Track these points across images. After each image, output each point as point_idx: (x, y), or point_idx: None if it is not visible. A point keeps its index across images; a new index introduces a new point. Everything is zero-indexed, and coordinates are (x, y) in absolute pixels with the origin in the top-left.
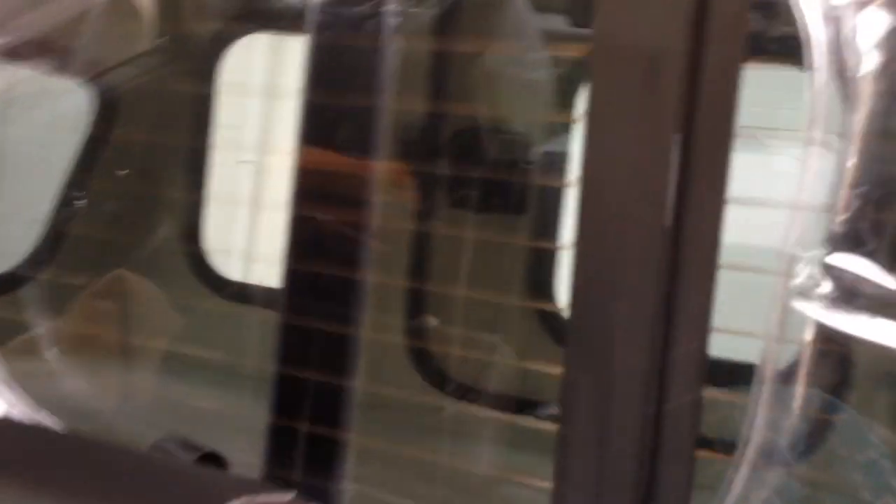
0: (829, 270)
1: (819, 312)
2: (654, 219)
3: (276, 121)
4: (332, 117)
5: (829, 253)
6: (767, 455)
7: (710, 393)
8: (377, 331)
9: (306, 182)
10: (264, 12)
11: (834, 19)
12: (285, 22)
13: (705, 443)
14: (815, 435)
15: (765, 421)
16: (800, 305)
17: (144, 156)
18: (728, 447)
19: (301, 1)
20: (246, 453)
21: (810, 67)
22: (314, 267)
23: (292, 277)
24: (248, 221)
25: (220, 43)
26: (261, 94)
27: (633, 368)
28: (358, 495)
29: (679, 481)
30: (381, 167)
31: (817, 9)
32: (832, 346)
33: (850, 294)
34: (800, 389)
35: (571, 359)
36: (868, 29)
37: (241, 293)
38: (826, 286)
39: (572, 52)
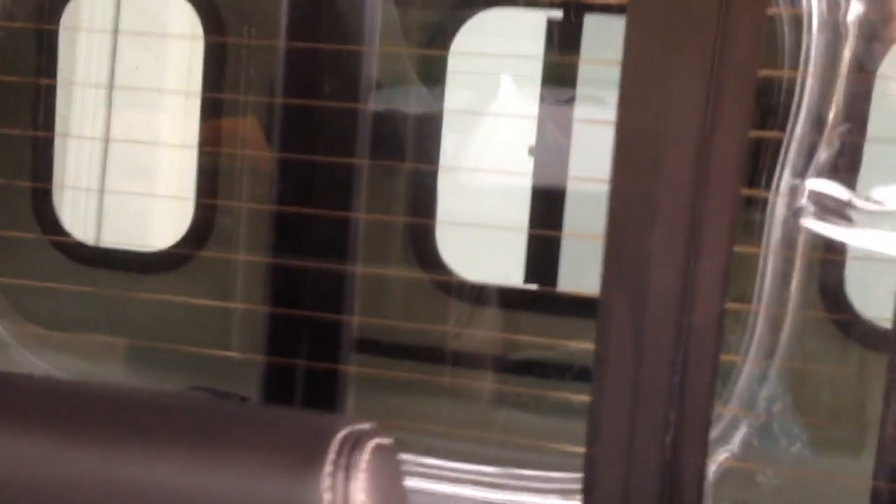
0: (816, 194)
1: (811, 227)
2: (682, 153)
3: None
4: None
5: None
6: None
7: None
8: None
9: None
10: None
11: None
12: None
13: None
14: None
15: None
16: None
17: None
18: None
19: None
20: None
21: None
22: None
23: None
24: None
25: None
26: None
27: (666, 286)
28: None
29: (705, 387)
30: None
31: None
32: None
33: (833, 211)
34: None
35: (608, 280)
36: None
37: None
38: (813, 206)
39: None
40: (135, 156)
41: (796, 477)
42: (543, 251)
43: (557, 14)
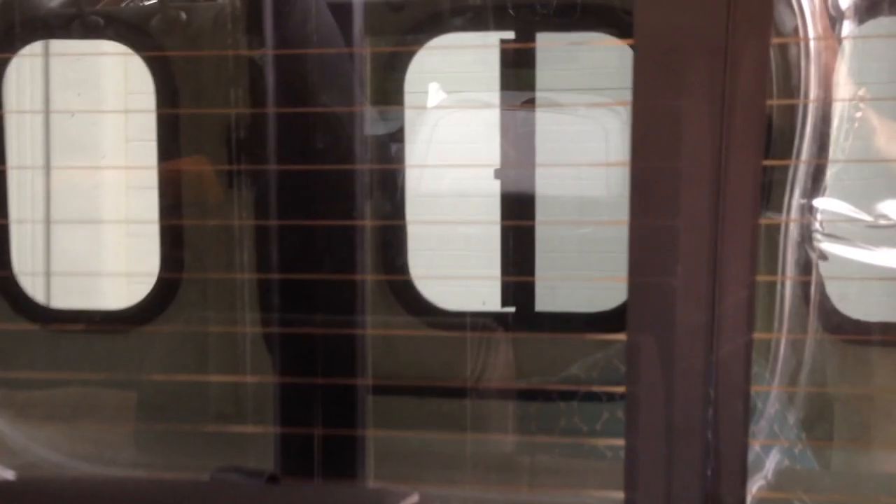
0: (822, 212)
1: (821, 246)
2: (698, 189)
3: None
4: None
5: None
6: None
7: None
8: None
9: None
10: None
11: None
12: None
13: None
14: None
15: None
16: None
17: None
18: None
19: None
20: None
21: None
22: None
23: None
24: None
25: None
26: None
27: (691, 322)
28: None
29: (739, 418)
30: None
31: None
32: None
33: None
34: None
35: (633, 321)
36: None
37: None
38: (821, 224)
39: None
40: None
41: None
42: None
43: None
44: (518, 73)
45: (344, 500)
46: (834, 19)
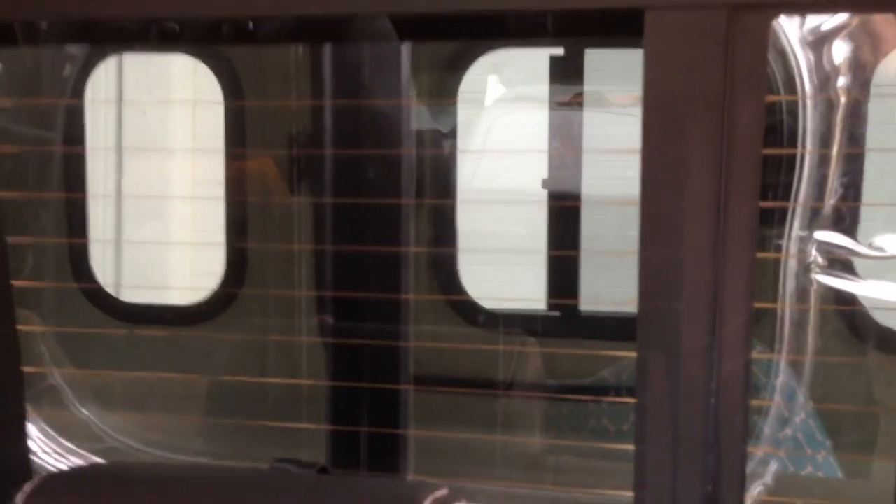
0: (822, 245)
1: (820, 279)
2: (701, 226)
3: None
4: None
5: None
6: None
7: None
8: None
9: None
10: None
11: (814, 48)
12: None
13: None
14: None
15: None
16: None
17: None
18: None
19: None
20: None
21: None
22: None
23: None
24: None
25: None
26: None
27: (695, 343)
28: None
29: (738, 430)
30: None
31: (800, 39)
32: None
33: (839, 261)
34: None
35: (643, 341)
36: (838, 56)
37: None
38: (820, 258)
39: None
40: None
41: None
42: None
43: None
44: None
45: (379, 491)
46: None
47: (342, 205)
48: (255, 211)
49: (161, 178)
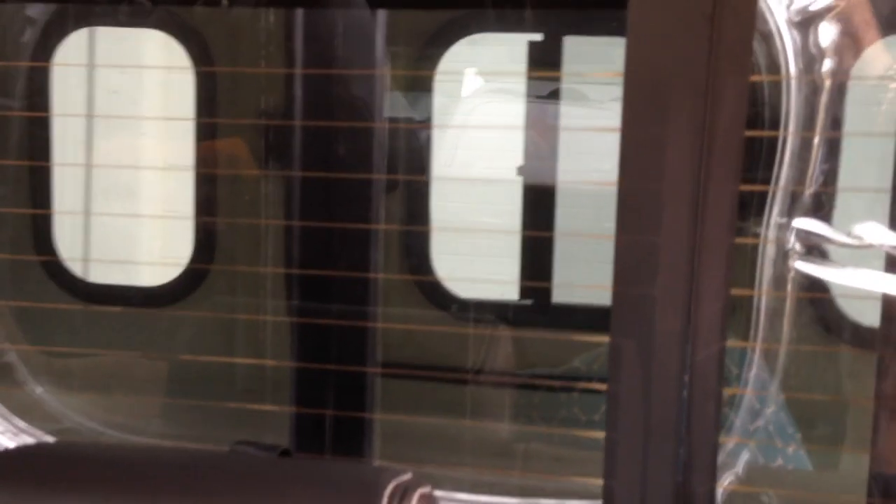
0: (800, 232)
1: (797, 266)
2: (679, 209)
3: None
4: None
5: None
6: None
7: None
8: None
9: None
10: None
11: (800, 29)
12: None
13: None
14: None
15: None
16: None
17: None
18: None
19: None
20: None
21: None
22: None
23: None
24: None
25: None
26: None
27: (669, 329)
28: None
29: (710, 419)
30: None
31: (786, 20)
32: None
33: (816, 249)
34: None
35: (617, 326)
36: (824, 38)
37: None
38: (799, 245)
39: None
40: None
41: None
42: None
43: None
44: None
45: (340, 475)
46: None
47: (311, 180)
48: (225, 188)
49: (132, 154)
